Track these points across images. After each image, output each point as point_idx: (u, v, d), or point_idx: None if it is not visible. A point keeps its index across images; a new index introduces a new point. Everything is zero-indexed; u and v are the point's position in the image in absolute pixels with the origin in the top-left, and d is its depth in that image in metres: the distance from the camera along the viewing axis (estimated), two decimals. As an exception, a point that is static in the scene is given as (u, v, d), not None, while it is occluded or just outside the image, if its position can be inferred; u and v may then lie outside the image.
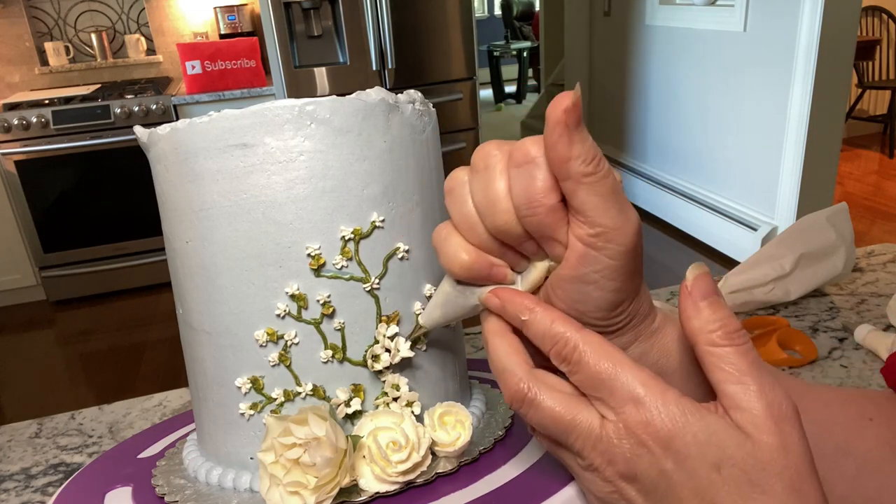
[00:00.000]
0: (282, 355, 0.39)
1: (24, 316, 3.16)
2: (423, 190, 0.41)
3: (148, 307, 3.14)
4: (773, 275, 0.85)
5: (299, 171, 0.38)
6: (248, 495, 0.39)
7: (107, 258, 3.17)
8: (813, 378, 0.72)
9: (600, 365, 0.28)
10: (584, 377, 0.28)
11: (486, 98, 6.87)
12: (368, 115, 0.39)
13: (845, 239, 0.88)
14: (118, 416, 0.75)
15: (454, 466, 0.38)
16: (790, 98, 2.71)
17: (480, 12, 8.26)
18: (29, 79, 3.44)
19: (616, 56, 3.93)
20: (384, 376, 0.39)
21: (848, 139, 4.53)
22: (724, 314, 0.28)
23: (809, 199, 2.75)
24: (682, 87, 3.38)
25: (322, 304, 0.38)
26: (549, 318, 0.29)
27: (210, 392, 0.41)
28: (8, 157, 2.91)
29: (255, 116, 0.37)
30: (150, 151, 0.41)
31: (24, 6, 3.33)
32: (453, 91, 3.15)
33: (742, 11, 2.88)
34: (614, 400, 0.27)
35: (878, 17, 4.39)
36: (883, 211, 3.54)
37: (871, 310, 0.85)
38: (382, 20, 2.92)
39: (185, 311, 0.42)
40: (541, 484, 0.36)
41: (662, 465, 0.26)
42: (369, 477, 0.37)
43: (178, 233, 0.40)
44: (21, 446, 0.71)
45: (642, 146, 3.83)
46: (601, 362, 0.28)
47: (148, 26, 3.54)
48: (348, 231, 0.38)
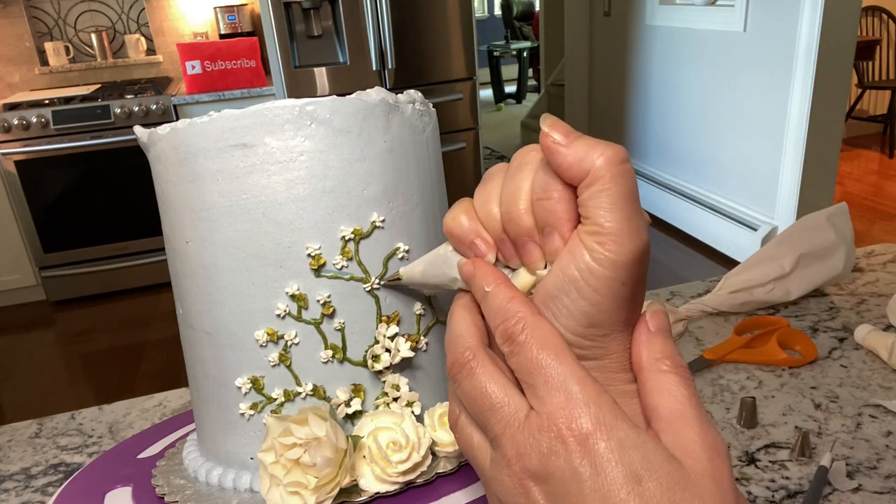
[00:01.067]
0: (282, 355, 0.39)
1: (24, 316, 3.16)
2: (423, 190, 0.41)
3: (148, 307, 3.14)
4: (773, 275, 0.85)
5: (299, 171, 0.38)
6: (248, 495, 0.39)
7: (107, 258, 3.17)
8: (813, 378, 0.72)
9: (542, 352, 0.26)
10: (522, 359, 0.27)
11: (486, 98, 6.87)
12: (368, 115, 0.39)
13: (845, 239, 0.88)
14: (118, 416, 0.75)
15: (454, 466, 0.38)
16: (790, 98, 2.71)
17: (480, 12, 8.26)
18: (29, 79, 3.44)
19: (616, 56, 3.93)
20: (384, 376, 0.39)
21: (848, 139, 4.53)
22: (674, 350, 0.28)
23: (809, 199, 2.75)
24: (682, 87, 3.38)
25: (322, 304, 0.38)
26: (509, 295, 0.29)
27: (210, 392, 0.41)
28: (8, 157, 2.91)
29: (255, 116, 0.37)
30: (150, 151, 0.41)
31: (24, 6, 3.33)
32: (453, 91, 3.15)
33: (742, 11, 2.88)
34: (545, 389, 0.26)
35: (878, 17, 4.39)
36: (883, 211, 3.54)
37: (871, 310, 0.85)
38: (382, 20, 2.92)
39: (185, 311, 0.42)
40: (541, 484, 0.36)
41: (578, 467, 0.24)
42: (369, 477, 0.37)
43: (178, 233, 0.40)
44: (21, 446, 0.71)
45: (642, 146, 3.83)
46: (544, 350, 0.26)
47: (148, 26, 3.54)
48: (348, 231, 0.38)
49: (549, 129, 0.27)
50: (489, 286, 0.29)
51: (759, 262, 0.87)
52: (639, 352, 0.28)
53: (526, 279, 0.30)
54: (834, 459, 0.60)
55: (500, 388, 0.27)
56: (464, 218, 0.31)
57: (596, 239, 0.26)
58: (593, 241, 0.27)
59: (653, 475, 0.24)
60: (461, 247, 0.32)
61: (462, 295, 0.32)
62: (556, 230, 0.28)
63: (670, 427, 0.25)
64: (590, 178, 0.26)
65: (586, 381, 0.26)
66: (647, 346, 0.28)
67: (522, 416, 0.26)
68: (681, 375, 0.27)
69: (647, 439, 0.25)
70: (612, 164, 0.26)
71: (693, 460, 0.24)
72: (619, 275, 0.27)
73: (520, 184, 0.29)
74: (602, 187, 0.26)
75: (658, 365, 0.27)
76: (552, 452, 0.25)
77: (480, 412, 0.28)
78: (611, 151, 0.27)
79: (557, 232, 0.28)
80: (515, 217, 0.29)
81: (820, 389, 0.70)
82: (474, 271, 0.30)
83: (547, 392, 0.26)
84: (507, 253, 0.31)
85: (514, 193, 0.29)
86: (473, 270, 0.31)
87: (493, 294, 0.29)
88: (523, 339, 0.27)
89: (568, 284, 0.27)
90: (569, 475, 0.24)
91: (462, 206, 0.32)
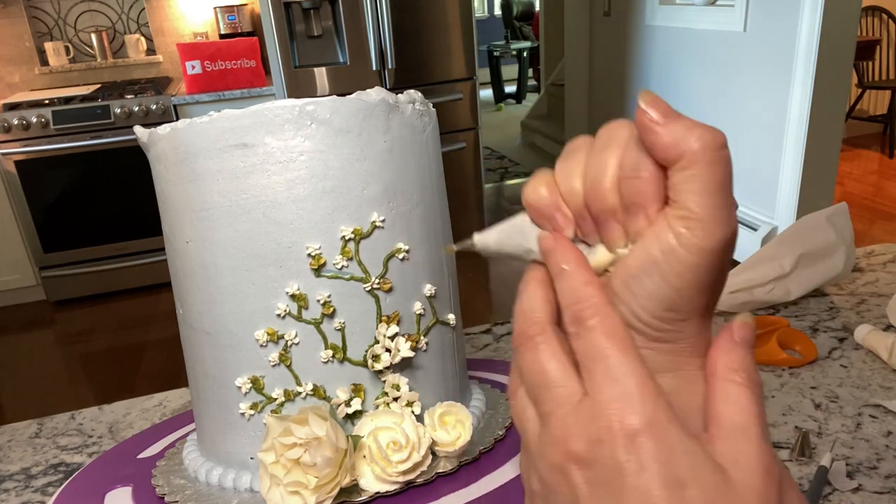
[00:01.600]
0: (282, 355, 0.39)
1: (24, 316, 3.16)
2: (423, 190, 0.41)
3: (148, 307, 3.14)
4: (773, 275, 0.85)
5: (299, 171, 0.38)
6: (248, 495, 0.39)
7: (107, 258, 3.17)
8: (813, 378, 0.72)
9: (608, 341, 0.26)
10: (587, 344, 0.27)
11: (486, 98, 6.87)
12: (368, 115, 0.39)
13: (845, 239, 0.88)
14: (118, 416, 0.75)
15: (454, 466, 0.38)
16: (790, 98, 2.71)
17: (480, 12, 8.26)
18: (29, 79, 3.44)
19: (616, 56, 3.93)
20: (384, 376, 0.39)
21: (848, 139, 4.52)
22: (753, 367, 0.27)
23: (809, 199, 2.75)
24: (682, 87, 3.38)
25: (322, 304, 0.38)
26: (586, 279, 0.28)
27: (210, 392, 0.41)
28: (8, 157, 2.91)
29: (255, 116, 0.37)
30: (150, 151, 0.41)
31: (24, 6, 3.33)
32: (453, 91, 3.15)
33: (742, 11, 2.88)
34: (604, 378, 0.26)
35: (878, 17, 4.39)
36: (883, 211, 3.54)
37: (871, 310, 0.85)
38: (382, 20, 2.92)
39: (185, 311, 0.42)
40: (541, 484, 0.36)
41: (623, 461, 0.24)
42: (369, 477, 0.37)
43: (178, 233, 0.40)
44: (21, 446, 0.71)
45: (642, 146, 3.83)
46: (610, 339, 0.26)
47: (148, 26, 3.54)
48: (348, 231, 0.38)
49: (646, 107, 0.27)
50: (567, 264, 0.29)
51: (759, 262, 0.87)
52: (716, 357, 0.27)
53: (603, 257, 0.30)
54: (834, 459, 0.60)
55: (559, 367, 0.27)
56: (544, 189, 0.30)
57: (684, 224, 0.26)
58: (681, 225, 0.26)
59: (697, 483, 0.24)
60: (540, 219, 0.31)
61: (536, 267, 0.32)
62: (642, 210, 0.28)
63: (729, 437, 0.25)
64: (685, 162, 0.26)
65: (646, 380, 0.26)
66: (727, 354, 0.27)
67: (576, 400, 0.26)
68: (753, 391, 0.26)
69: (697, 447, 0.24)
70: (710, 148, 0.26)
71: (743, 475, 0.24)
72: (705, 261, 0.26)
73: (607, 160, 0.29)
74: (696, 171, 0.26)
75: (733, 376, 0.27)
76: (600, 441, 0.25)
77: (536, 387, 0.28)
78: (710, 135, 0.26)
79: (643, 212, 0.28)
80: (601, 193, 0.29)
81: (820, 389, 0.70)
82: (554, 247, 0.30)
83: (605, 381, 0.26)
84: (586, 229, 0.30)
85: (601, 169, 0.29)
86: (554, 246, 0.30)
87: (570, 274, 0.29)
88: (592, 325, 0.27)
89: (651, 266, 0.27)
90: (612, 466, 0.24)
91: (543, 178, 0.31)
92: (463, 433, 0.38)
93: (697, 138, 0.26)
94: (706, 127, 0.26)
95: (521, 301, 0.30)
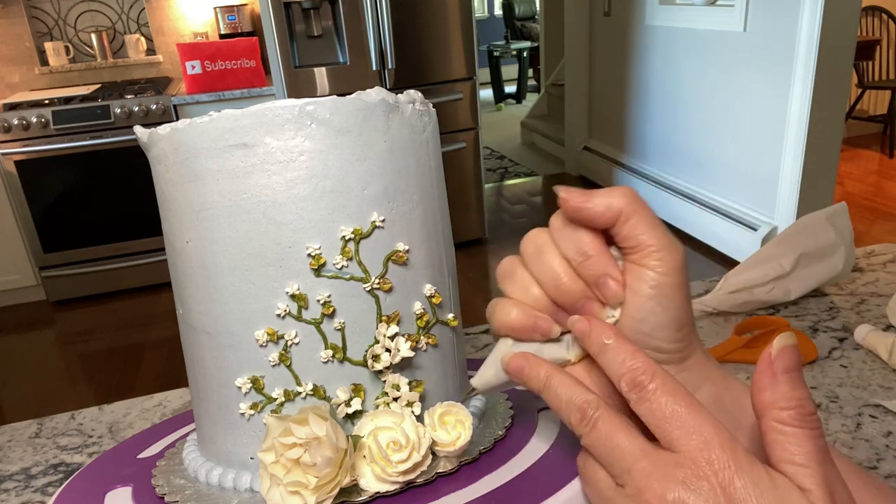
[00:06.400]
0: (282, 355, 0.39)
1: (24, 316, 3.16)
2: (423, 190, 0.41)
3: (148, 307, 3.14)
4: (773, 275, 0.85)
5: (299, 170, 0.38)
6: (248, 495, 0.39)
7: (107, 258, 3.17)
8: (813, 378, 0.72)
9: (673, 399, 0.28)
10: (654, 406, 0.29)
11: (486, 98, 6.87)
12: (368, 115, 0.39)
13: (845, 239, 0.88)
14: (118, 416, 0.75)
15: (454, 466, 0.38)
16: (790, 98, 2.71)
17: (480, 12, 8.26)
18: (29, 79, 3.44)
19: (616, 56, 3.93)
20: (384, 376, 0.39)
21: (848, 139, 4.52)
22: (803, 395, 0.27)
23: (809, 199, 2.75)
24: (682, 87, 3.38)
25: (322, 303, 0.38)
26: (631, 348, 0.31)
27: (210, 392, 0.41)
28: (8, 157, 2.91)
29: (255, 116, 0.37)
30: (151, 151, 0.41)
31: (24, 6, 3.33)
32: (453, 91, 3.15)
33: (742, 11, 2.88)
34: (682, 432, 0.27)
35: (878, 17, 4.39)
36: (883, 211, 3.55)
37: (871, 310, 0.85)
38: (382, 20, 2.92)
39: (185, 311, 0.42)
40: (541, 484, 0.36)
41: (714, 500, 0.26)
42: (370, 477, 0.37)
43: (178, 233, 0.40)
44: (21, 446, 0.71)
45: (642, 146, 3.83)
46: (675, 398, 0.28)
47: (148, 26, 3.54)
48: (348, 231, 0.38)
49: (567, 195, 0.32)
50: (609, 339, 0.31)
51: (759, 262, 0.87)
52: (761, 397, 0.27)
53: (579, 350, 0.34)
54: (834, 459, 0.60)
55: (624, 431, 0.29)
56: (514, 310, 0.34)
57: (652, 257, 0.31)
58: (651, 259, 0.31)
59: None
60: (525, 334, 0.34)
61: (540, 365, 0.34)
62: (607, 277, 0.32)
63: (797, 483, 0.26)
64: (624, 215, 0.31)
65: (720, 427, 0.27)
66: (768, 392, 0.27)
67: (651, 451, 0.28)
68: (806, 427, 0.26)
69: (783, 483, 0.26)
70: (633, 197, 0.31)
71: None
72: (680, 276, 0.31)
73: (551, 262, 0.33)
74: (637, 217, 0.31)
75: (781, 415, 0.26)
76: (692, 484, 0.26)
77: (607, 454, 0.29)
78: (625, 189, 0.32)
79: (609, 278, 0.32)
80: (567, 288, 0.33)
81: (820, 389, 0.70)
82: (590, 327, 0.32)
83: (684, 435, 0.27)
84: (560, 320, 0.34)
85: (553, 271, 0.33)
86: (589, 326, 0.32)
87: (615, 347, 0.31)
88: (653, 388, 0.29)
89: (650, 302, 0.31)
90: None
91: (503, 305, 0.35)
92: (463, 433, 0.38)
93: (621, 196, 0.31)
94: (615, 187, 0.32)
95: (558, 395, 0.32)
